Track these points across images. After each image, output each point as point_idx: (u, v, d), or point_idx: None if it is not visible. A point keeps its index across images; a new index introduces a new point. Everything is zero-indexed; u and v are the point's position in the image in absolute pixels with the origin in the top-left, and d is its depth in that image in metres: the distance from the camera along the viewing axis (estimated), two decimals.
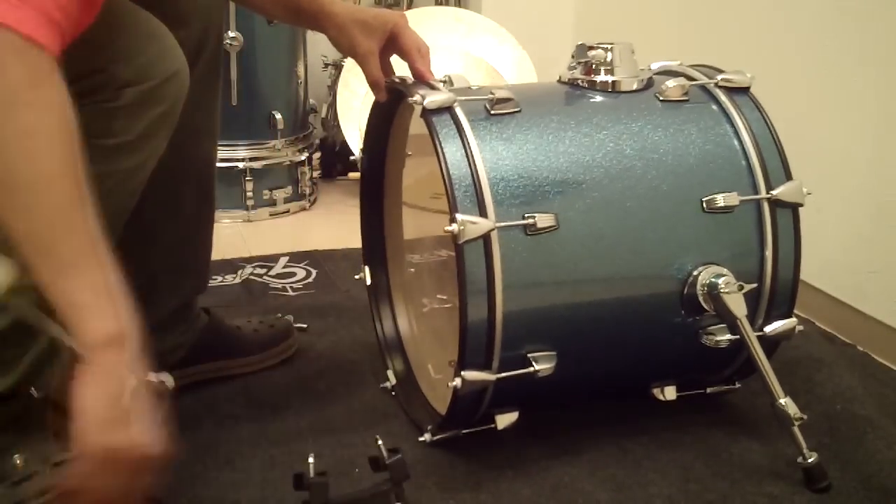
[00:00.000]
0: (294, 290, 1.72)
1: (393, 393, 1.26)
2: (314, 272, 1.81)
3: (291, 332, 1.39)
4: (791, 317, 1.11)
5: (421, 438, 1.11)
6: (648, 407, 1.17)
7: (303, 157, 2.30)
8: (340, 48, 1.15)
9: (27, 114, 0.71)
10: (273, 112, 2.23)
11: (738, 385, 1.21)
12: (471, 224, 0.95)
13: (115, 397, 0.73)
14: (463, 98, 1.04)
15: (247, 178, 2.19)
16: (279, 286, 1.73)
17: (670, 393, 1.14)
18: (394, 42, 1.13)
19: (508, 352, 1.00)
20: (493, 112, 1.04)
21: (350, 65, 2.39)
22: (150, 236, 1.12)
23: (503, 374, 1.00)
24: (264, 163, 2.23)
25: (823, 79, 1.57)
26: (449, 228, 0.95)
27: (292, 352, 1.37)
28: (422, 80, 1.12)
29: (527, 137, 1.04)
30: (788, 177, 1.09)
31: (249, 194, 2.20)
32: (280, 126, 2.24)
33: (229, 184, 2.17)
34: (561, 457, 1.10)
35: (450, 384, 0.99)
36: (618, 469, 1.08)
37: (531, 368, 1.00)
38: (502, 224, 0.97)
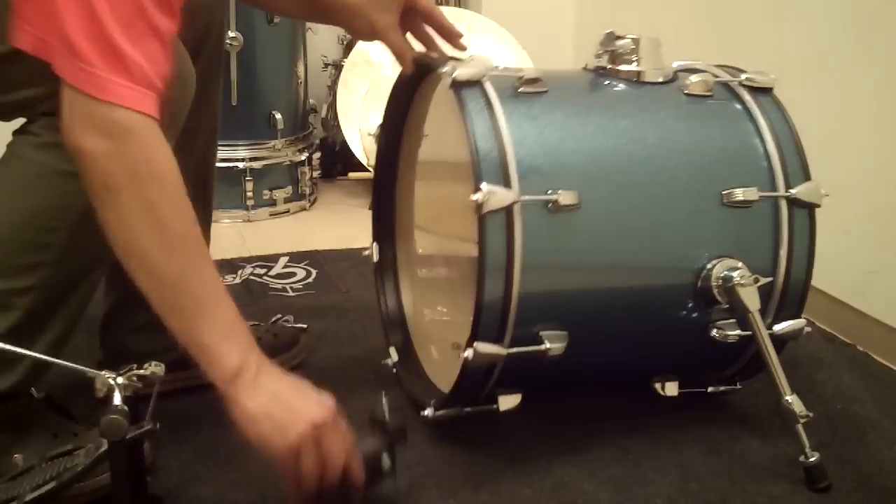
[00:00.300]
0: (294, 290, 1.72)
1: (394, 370, 1.26)
2: (314, 272, 1.81)
3: (297, 342, 1.35)
4: (800, 317, 1.11)
5: (423, 413, 1.11)
6: (648, 406, 1.18)
7: (303, 157, 2.30)
8: (359, 32, 1.14)
9: (148, 188, 0.84)
10: (273, 112, 2.23)
11: (739, 386, 1.21)
12: (495, 194, 0.95)
13: (267, 405, 0.86)
14: (492, 74, 1.05)
15: (247, 178, 2.19)
16: (279, 286, 1.73)
17: (671, 389, 1.14)
18: (412, 8, 1.12)
19: (521, 328, 1.00)
20: (520, 90, 1.04)
21: (350, 65, 2.39)
22: None
23: (514, 350, 1.00)
24: (264, 163, 2.22)
25: (823, 79, 1.57)
26: (473, 198, 0.95)
27: (296, 363, 1.34)
28: (452, 33, 1.13)
29: (553, 118, 1.04)
30: (807, 178, 1.09)
31: (249, 194, 2.20)
32: (280, 126, 2.24)
33: (229, 184, 2.16)
34: (561, 457, 1.10)
35: (462, 354, 0.99)
36: (618, 469, 1.08)
37: (542, 346, 1.01)
38: (525, 198, 0.97)
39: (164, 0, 0.85)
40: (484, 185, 0.95)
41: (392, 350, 1.29)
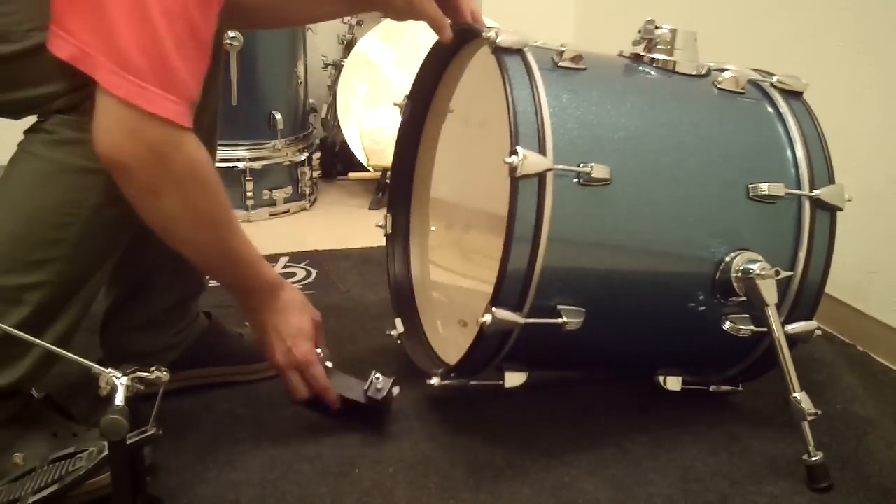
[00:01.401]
0: None
1: (398, 342, 1.27)
2: (314, 272, 1.81)
3: None
4: (812, 319, 1.12)
5: (430, 382, 1.10)
6: (648, 406, 1.18)
7: (303, 157, 2.30)
8: (397, 10, 1.13)
9: (192, 192, 0.94)
10: (273, 112, 2.23)
11: (740, 388, 1.21)
12: (529, 159, 0.96)
13: (297, 307, 1.11)
14: (534, 45, 1.06)
15: (247, 178, 2.19)
16: None
17: (673, 383, 1.14)
18: None
19: (541, 300, 1.00)
20: (560, 64, 1.05)
21: (350, 65, 2.39)
22: (145, 233, 1.13)
23: (532, 320, 1.00)
24: (264, 163, 2.22)
25: (823, 78, 1.57)
26: (508, 160, 0.95)
27: None
28: (474, 16, 1.16)
29: (590, 94, 1.05)
30: (832, 181, 1.10)
31: (249, 194, 2.20)
32: (280, 126, 2.24)
33: (229, 184, 2.16)
34: (561, 457, 1.10)
35: (479, 319, 0.99)
36: (618, 469, 1.08)
37: (559, 320, 1.01)
38: (559, 167, 0.98)
39: (210, 14, 0.90)
40: (520, 149, 0.96)
41: (398, 321, 1.29)
